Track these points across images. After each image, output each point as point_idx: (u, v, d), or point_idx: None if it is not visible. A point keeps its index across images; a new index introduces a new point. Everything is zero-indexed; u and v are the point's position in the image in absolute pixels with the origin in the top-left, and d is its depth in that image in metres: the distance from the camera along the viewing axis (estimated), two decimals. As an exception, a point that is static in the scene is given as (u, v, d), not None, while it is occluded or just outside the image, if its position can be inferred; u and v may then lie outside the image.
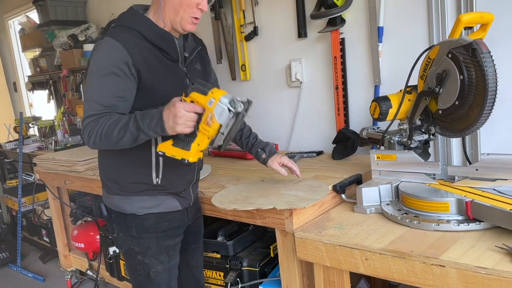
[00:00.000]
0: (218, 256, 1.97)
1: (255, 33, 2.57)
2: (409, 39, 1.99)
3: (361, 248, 1.26)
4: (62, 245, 2.99)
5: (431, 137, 1.55)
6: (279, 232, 1.56)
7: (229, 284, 1.89)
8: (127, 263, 1.66)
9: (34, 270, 3.41)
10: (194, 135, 1.29)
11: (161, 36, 1.45)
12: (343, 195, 1.64)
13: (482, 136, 1.81)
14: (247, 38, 2.62)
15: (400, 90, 1.58)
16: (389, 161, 1.57)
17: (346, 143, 2.12)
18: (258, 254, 1.95)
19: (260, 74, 2.66)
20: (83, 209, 2.76)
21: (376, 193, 1.52)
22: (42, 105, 4.88)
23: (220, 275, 1.98)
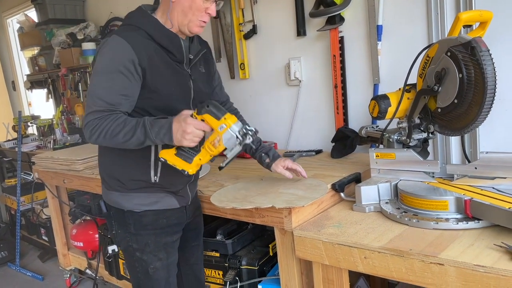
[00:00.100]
0: (217, 254, 1.97)
1: (254, 31, 2.57)
2: (408, 38, 1.99)
3: (360, 246, 1.26)
4: (61, 244, 2.99)
5: (430, 135, 1.54)
6: (278, 231, 1.56)
7: (228, 282, 1.89)
8: (126, 260, 1.67)
9: (33, 269, 3.41)
10: (198, 150, 1.38)
11: (168, 37, 1.47)
12: (342, 194, 1.64)
13: (481, 134, 1.81)
14: (246, 37, 2.61)
15: (399, 89, 1.58)
16: (388, 159, 1.57)
17: (345, 141, 2.12)
18: (257, 253, 1.95)
19: (259, 73, 2.66)
20: (82, 208, 2.76)
21: (375, 191, 1.52)
22: (40, 104, 4.86)
23: (219, 274, 1.98)
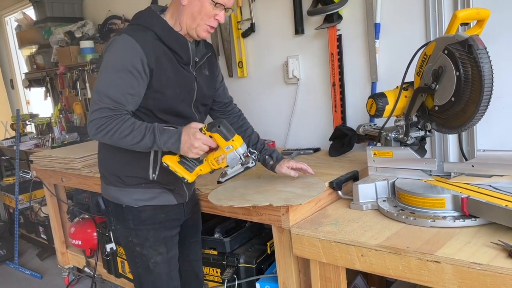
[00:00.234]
0: (215, 252, 1.98)
1: (252, 29, 2.57)
2: (406, 36, 1.99)
3: (357, 244, 1.26)
4: (60, 242, 2.99)
5: (428, 133, 1.55)
6: (276, 229, 1.57)
7: (226, 280, 1.90)
8: (127, 256, 1.68)
9: (31, 267, 3.41)
10: (200, 161, 1.47)
11: (177, 39, 1.48)
12: (339, 192, 1.65)
13: (478, 132, 1.81)
14: (244, 35, 2.61)
15: (397, 87, 1.58)
16: (385, 157, 1.57)
17: (343, 140, 2.12)
18: (255, 251, 1.95)
19: (257, 71, 2.66)
20: (80, 206, 2.76)
21: (373, 189, 1.52)
22: (39, 102, 4.85)
23: (217, 272, 1.98)
